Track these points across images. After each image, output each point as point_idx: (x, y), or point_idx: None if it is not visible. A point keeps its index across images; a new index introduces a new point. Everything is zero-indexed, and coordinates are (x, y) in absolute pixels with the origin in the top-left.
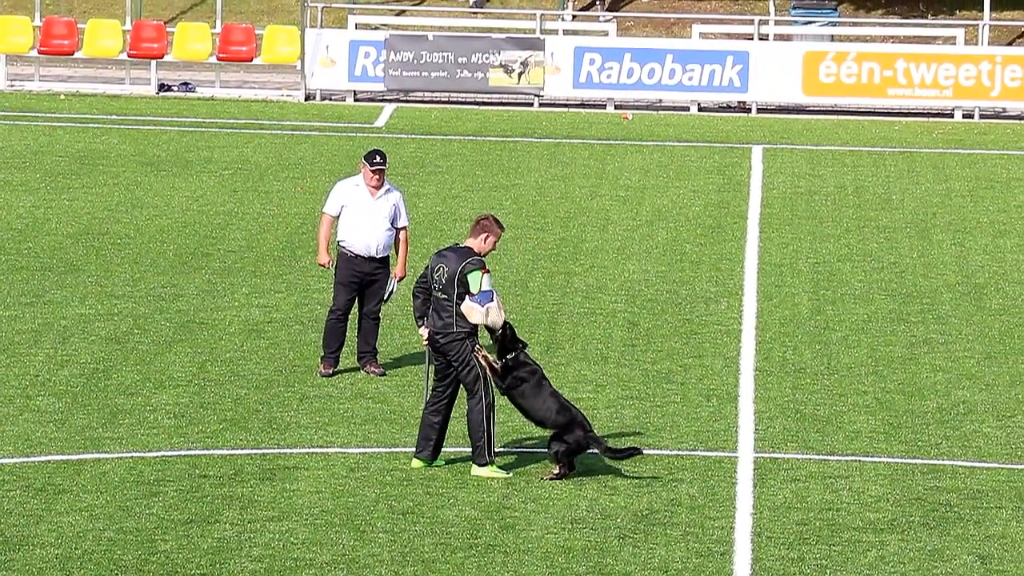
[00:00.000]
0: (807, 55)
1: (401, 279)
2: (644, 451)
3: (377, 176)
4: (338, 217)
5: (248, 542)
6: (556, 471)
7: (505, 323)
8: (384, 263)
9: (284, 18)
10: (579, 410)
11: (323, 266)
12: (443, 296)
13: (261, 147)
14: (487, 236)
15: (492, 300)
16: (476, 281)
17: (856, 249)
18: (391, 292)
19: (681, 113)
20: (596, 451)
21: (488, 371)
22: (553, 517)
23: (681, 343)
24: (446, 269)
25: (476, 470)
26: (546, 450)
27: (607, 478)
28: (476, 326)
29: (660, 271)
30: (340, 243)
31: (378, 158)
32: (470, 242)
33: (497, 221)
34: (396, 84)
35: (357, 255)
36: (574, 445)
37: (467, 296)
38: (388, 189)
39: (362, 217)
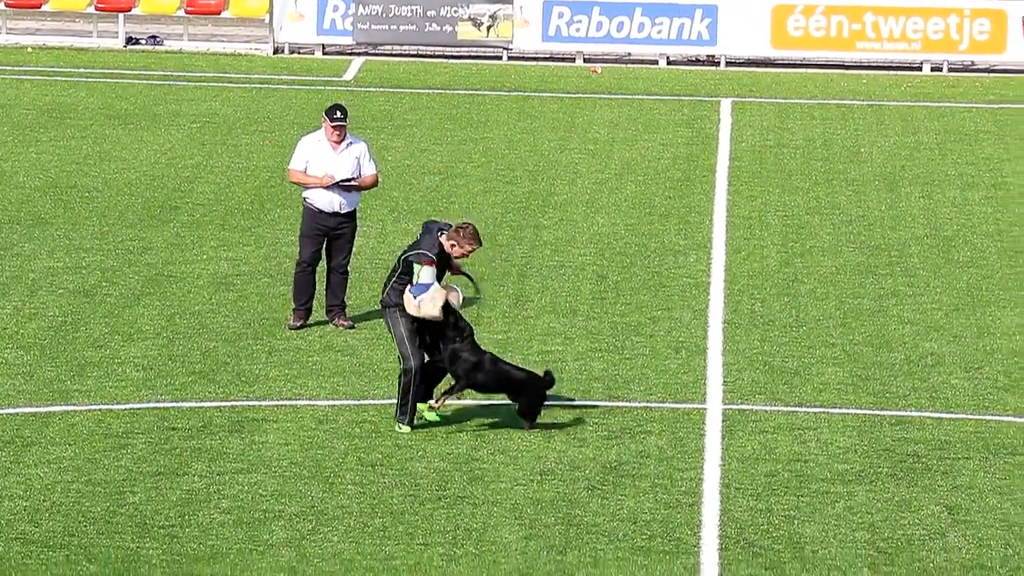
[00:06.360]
0: (776, 8)
1: (347, 181)
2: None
3: (337, 131)
4: (304, 172)
5: (217, 494)
6: (529, 422)
7: (449, 311)
8: (351, 217)
9: None
10: (529, 371)
11: (330, 178)
12: (395, 264)
13: (229, 100)
14: (454, 245)
15: (426, 293)
16: (417, 273)
17: (824, 202)
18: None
19: (650, 66)
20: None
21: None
22: (522, 469)
23: (650, 296)
24: (407, 244)
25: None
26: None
27: (576, 430)
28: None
29: (629, 224)
30: (305, 198)
31: (338, 113)
32: (443, 238)
33: (476, 237)
34: (364, 37)
35: (321, 210)
36: (534, 398)
37: (408, 284)
38: (350, 142)
39: (324, 173)
